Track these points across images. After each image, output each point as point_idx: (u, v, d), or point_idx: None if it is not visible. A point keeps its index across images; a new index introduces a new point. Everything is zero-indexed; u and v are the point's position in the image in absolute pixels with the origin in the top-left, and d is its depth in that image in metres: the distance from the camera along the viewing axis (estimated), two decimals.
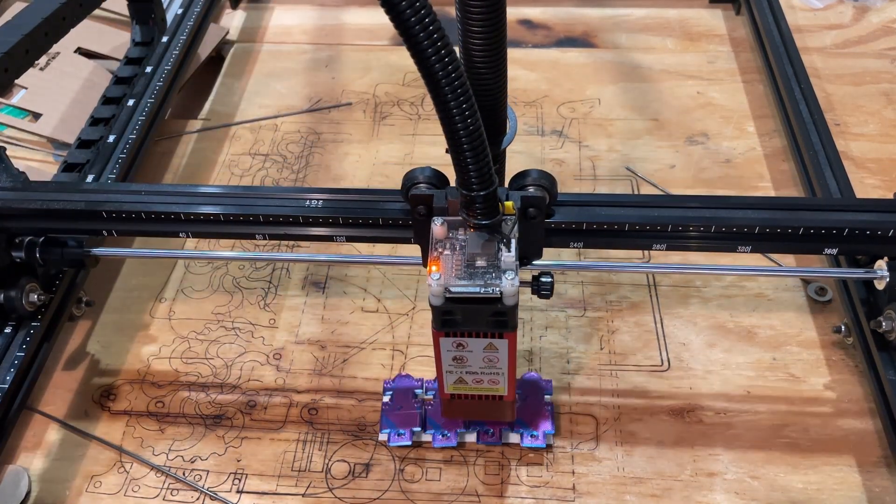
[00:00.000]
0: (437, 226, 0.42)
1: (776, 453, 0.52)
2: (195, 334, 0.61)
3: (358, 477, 0.51)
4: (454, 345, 0.44)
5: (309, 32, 0.92)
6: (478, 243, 0.42)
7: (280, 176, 0.73)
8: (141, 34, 0.80)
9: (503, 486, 0.51)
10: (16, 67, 0.59)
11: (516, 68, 0.83)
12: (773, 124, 0.76)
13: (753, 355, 0.57)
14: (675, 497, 0.50)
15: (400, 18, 0.34)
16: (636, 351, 0.58)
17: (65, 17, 0.64)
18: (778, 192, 0.69)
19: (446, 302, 0.41)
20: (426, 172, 0.45)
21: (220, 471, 0.52)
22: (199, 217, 0.51)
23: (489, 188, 0.40)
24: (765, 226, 0.48)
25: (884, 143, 0.73)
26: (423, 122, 0.78)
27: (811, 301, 0.61)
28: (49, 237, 0.55)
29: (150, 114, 0.71)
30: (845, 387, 0.55)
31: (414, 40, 0.34)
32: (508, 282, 0.40)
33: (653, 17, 0.91)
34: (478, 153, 0.38)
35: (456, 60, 0.36)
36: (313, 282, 0.64)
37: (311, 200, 0.50)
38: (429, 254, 0.42)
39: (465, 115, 0.37)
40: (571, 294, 0.62)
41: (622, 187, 0.70)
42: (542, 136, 0.76)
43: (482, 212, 0.41)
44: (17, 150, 0.75)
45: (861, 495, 0.50)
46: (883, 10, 0.89)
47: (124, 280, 0.65)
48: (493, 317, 0.42)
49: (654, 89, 0.81)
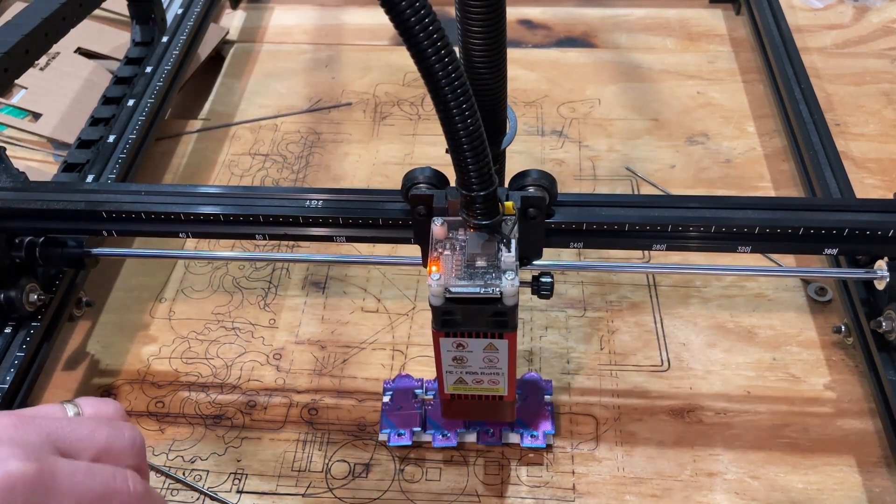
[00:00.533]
0: (437, 226, 0.42)
1: (776, 453, 0.52)
2: (195, 334, 0.61)
3: (358, 477, 0.51)
4: (454, 345, 0.44)
5: (309, 32, 0.92)
6: (478, 243, 0.42)
7: (280, 176, 0.73)
8: (141, 34, 0.80)
9: (503, 486, 0.51)
10: (16, 67, 0.59)
11: (516, 68, 0.83)
12: (773, 124, 0.76)
13: (753, 355, 0.58)
14: (675, 497, 0.50)
15: (400, 18, 0.34)
16: (636, 351, 0.58)
17: (65, 17, 0.64)
18: (778, 192, 0.69)
19: (446, 302, 0.41)
20: (426, 172, 0.45)
21: (220, 471, 0.52)
22: (198, 217, 0.51)
23: (489, 188, 0.40)
24: (765, 226, 0.48)
25: (884, 143, 0.73)
26: (423, 122, 0.78)
27: (811, 301, 0.61)
28: (49, 237, 0.55)
29: (150, 114, 0.71)
30: (845, 387, 0.55)
31: (414, 40, 0.34)
32: (508, 282, 0.40)
33: (653, 17, 0.91)
34: (478, 153, 0.38)
35: (456, 60, 0.36)
36: (313, 282, 0.64)
37: (311, 200, 0.50)
38: (429, 254, 0.42)
39: (465, 115, 0.37)
40: (571, 294, 0.62)
41: (622, 187, 0.70)
42: (542, 136, 0.76)
43: (482, 212, 0.41)
44: (17, 150, 0.75)
45: (861, 495, 0.50)
46: (883, 10, 0.89)
47: (124, 280, 0.65)
48: (494, 317, 0.42)
49: (654, 89, 0.81)
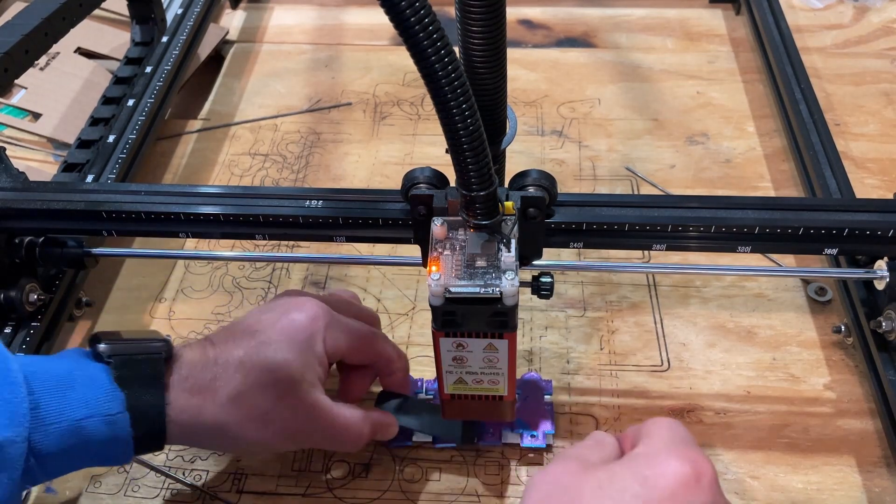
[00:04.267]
0: (436, 226, 0.42)
1: (776, 453, 0.52)
2: (195, 334, 0.60)
3: (358, 477, 0.51)
4: (454, 345, 0.44)
5: (309, 32, 0.92)
6: (477, 244, 0.42)
7: (280, 176, 0.73)
8: (141, 34, 0.80)
9: (503, 486, 0.51)
10: (16, 67, 0.59)
11: (516, 68, 0.83)
12: (773, 124, 0.76)
13: (753, 355, 0.58)
14: None
15: (400, 19, 0.34)
16: (636, 351, 0.58)
17: (65, 17, 0.64)
18: (778, 192, 0.69)
19: (446, 302, 0.41)
20: (426, 173, 0.45)
21: (220, 471, 0.52)
22: (198, 217, 0.51)
23: (489, 188, 0.40)
24: (765, 226, 0.48)
25: (884, 143, 0.73)
26: (423, 122, 0.78)
27: (811, 301, 0.61)
28: (49, 237, 0.55)
29: (150, 114, 0.71)
30: (845, 387, 0.55)
31: (414, 41, 0.34)
32: (508, 282, 0.40)
33: (653, 17, 0.91)
34: (478, 153, 0.38)
35: (456, 61, 0.36)
36: (313, 282, 0.64)
37: (311, 201, 0.50)
38: (429, 254, 0.42)
39: (465, 115, 0.37)
40: (571, 294, 0.62)
41: (622, 187, 0.70)
42: (542, 136, 0.76)
43: (482, 212, 0.41)
44: (17, 150, 0.75)
45: (861, 495, 0.50)
46: (883, 10, 0.89)
47: (124, 280, 0.65)
48: (493, 317, 0.41)
49: (654, 89, 0.81)
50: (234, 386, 0.43)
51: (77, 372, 0.41)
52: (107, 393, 0.40)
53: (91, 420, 0.40)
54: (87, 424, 0.40)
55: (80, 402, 0.40)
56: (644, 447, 0.39)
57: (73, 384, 0.40)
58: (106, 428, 0.40)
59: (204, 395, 0.43)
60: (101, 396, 0.40)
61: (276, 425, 0.44)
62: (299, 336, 0.45)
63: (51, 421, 0.39)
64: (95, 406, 0.40)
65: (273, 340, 0.44)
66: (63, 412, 0.39)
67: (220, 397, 0.43)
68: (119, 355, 0.42)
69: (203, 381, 0.43)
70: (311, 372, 0.44)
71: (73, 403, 0.40)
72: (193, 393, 0.42)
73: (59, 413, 0.39)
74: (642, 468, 0.36)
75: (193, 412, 0.42)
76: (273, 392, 0.43)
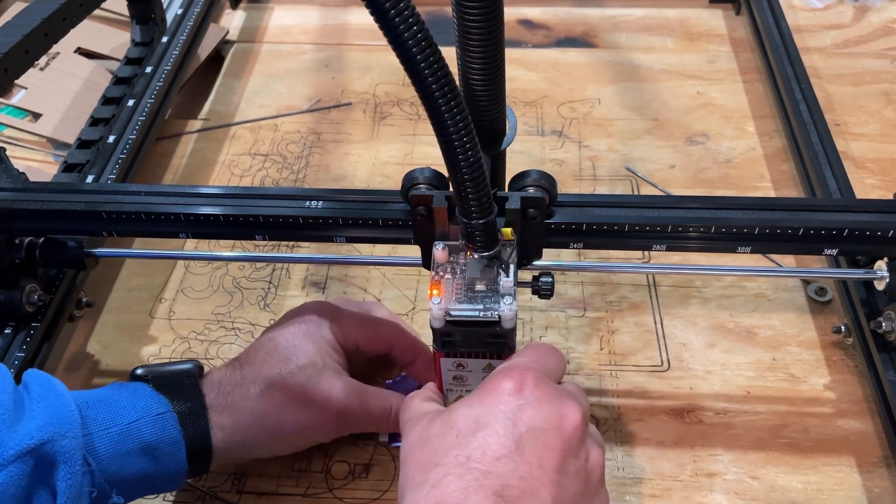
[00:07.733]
0: (438, 250, 0.44)
1: (776, 453, 0.52)
2: (195, 334, 0.61)
3: (358, 477, 0.51)
4: (454, 364, 0.45)
5: (309, 32, 0.92)
6: (477, 268, 0.43)
7: (280, 176, 0.73)
8: (141, 34, 0.80)
9: None
10: (16, 67, 0.59)
11: (516, 68, 0.83)
12: (773, 124, 0.76)
13: (753, 355, 0.58)
14: (675, 497, 0.50)
15: (410, 63, 0.35)
16: (636, 351, 0.58)
17: (65, 17, 0.64)
18: (778, 192, 0.69)
19: (447, 324, 0.42)
20: (426, 173, 0.45)
21: (220, 471, 0.52)
22: (198, 218, 0.51)
23: (488, 216, 0.41)
24: (765, 226, 0.48)
25: (884, 143, 0.73)
26: (423, 122, 0.78)
27: (811, 301, 0.61)
28: (49, 238, 0.55)
29: (150, 114, 0.71)
30: (845, 387, 0.55)
31: (422, 83, 0.35)
32: (507, 306, 0.41)
33: (653, 17, 0.91)
34: (478, 183, 0.39)
35: (459, 95, 0.36)
36: (313, 282, 0.64)
37: (311, 201, 0.50)
38: (430, 278, 0.43)
39: (467, 147, 0.37)
40: (571, 294, 0.62)
41: (622, 187, 0.70)
42: (542, 136, 0.76)
43: (482, 243, 0.42)
44: (17, 150, 0.75)
45: (861, 495, 0.50)
46: (883, 10, 0.89)
47: (124, 280, 0.65)
48: (492, 339, 0.43)
49: (654, 89, 0.81)
50: (263, 378, 0.47)
51: (119, 389, 0.45)
52: (151, 397, 0.45)
53: (141, 422, 0.43)
54: (139, 426, 0.43)
55: (128, 408, 0.44)
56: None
57: (119, 396, 0.44)
58: (156, 426, 0.44)
59: (237, 394, 0.47)
60: (147, 401, 0.44)
61: (315, 407, 0.47)
62: (308, 328, 0.49)
63: (103, 426, 0.42)
64: (143, 409, 0.44)
65: (287, 336, 0.49)
66: (114, 419, 0.43)
67: (253, 392, 0.47)
68: (155, 374, 0.46)
69: (234, 382, 0.47)
70: (328, 358, 0.49)
71: (122, 410, 0.43)
72: (227, 395, 0.46)
73: (110, 420, 0.43)
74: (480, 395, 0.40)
75: (231, 410, 0.46)
76: (301, 376, 0.47)
